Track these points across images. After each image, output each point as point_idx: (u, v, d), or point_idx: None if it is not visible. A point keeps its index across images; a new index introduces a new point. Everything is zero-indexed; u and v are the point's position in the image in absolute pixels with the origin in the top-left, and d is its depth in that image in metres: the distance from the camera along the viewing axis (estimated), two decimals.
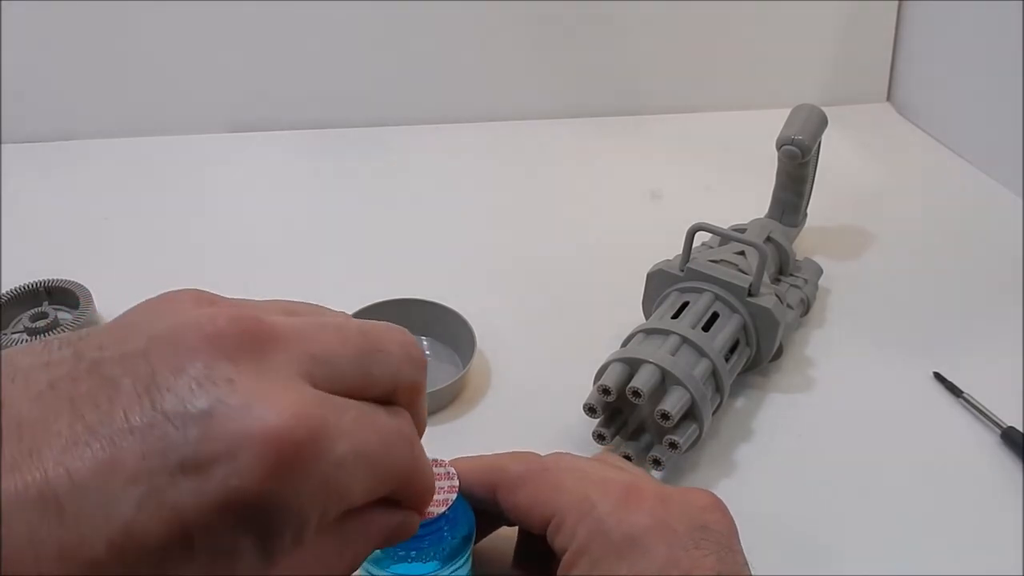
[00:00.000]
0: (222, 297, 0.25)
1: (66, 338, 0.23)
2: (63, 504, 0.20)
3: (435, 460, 0.37)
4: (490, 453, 0.39)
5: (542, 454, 0.39)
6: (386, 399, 0.27)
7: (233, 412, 0.22)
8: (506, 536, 0.40)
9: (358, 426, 0.24)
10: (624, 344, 0.52)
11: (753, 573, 0.35)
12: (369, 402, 0.26)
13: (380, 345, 0.26)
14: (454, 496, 0.36)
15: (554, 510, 0.35)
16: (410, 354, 0.28)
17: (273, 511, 0.22)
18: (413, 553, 0.36)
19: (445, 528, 0.36)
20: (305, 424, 0.22)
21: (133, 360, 0.22)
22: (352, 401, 0.25)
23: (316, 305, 0.28)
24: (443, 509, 0.35)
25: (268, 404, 0.22)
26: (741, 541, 0.36)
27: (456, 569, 0.37)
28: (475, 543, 0.40)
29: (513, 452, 0.39)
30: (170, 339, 0.22)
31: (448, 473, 0.37)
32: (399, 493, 0.28)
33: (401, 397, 0.27)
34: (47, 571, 0.20)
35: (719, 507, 0.37)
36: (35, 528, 0.20)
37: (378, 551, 0.36)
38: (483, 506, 0.38)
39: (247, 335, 0.23)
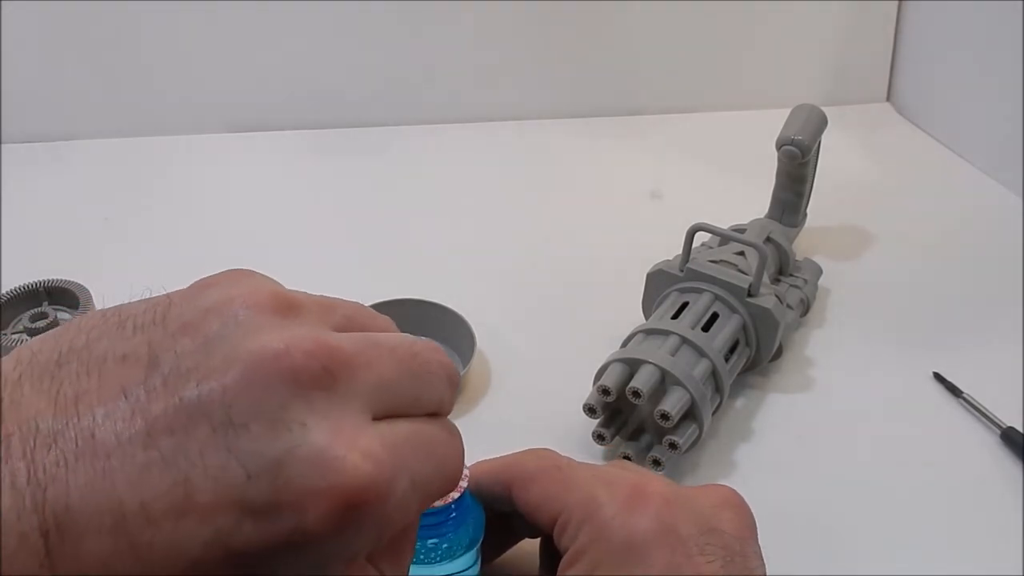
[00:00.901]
0: (294, 297, 0.25)
1: (142, 318, 0.23)
2: (136, 537, 0.20)
3: None
4: (496, 454, 0.39)
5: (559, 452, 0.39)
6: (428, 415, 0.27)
7: (304, 466, 0.22)
8: (530, 549, 0.40)
9: (416, 457, 0.25)
10: (624, 344, 0.52)
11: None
12: (418, 418, 0.26)
13: (429, 367, 0.27)
14: (458, 493, 0.36)
15: (562, 508, 0.35)
16: (450, 376, 0.28)
17: (330, 550, 0.22)
18: (419, 552, 0.36)
19: (452, 527, 0.36)
20: (374, 477, 0.22)
21: (210, 385, 0.22)
22: (407, 427, 0.25)
23: (356, 304, 0.29)
24: (456, 494, 0.35)
25: (338, 456, 0.22)
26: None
27: (465, 569, 0.37)
28: (499, 554, 0.40)
29: (531, 449, 0.39)
30: (249, 370, 0.22)
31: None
32: None
33: (440, 413, 0.28)
34: None
35: (733, 503, 0.36)
36: (108, 556, 0.20)
37: None
38: (502, 506, 0.38)
39: (321, 371, 0.23)
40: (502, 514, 0.38)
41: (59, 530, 0.20)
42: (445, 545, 0.36)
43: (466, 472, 0.37)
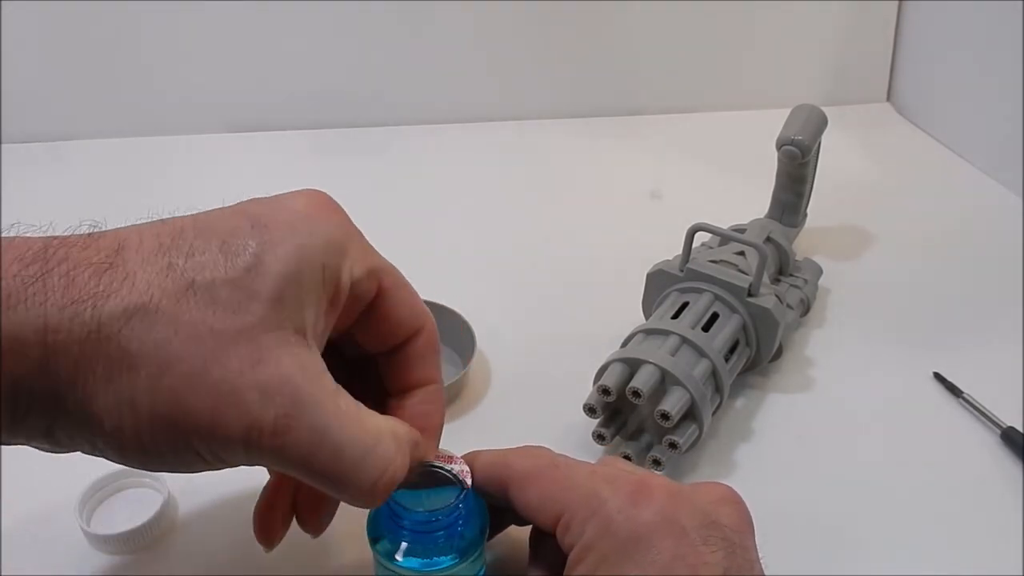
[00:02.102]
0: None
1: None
2: (165, 220, 0.33)
3: (448, 455, 0.37)
4: (501, 445, 0.39)
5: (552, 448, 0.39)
6: None
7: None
8: (520, 535, 0.40)
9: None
10: (624, 344, 0.52)
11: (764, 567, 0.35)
12: None
13: None
14: (469, 481, 0.36)
15: (563, 507, 0.35)
16: None
17: (311, 223, 0.33)
18: (429, 546, 0.36)
19: (459, 523, 0.36)
20: (334, 200, 0.36)
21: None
22: None
23: None
24: (468, 480, 0.36)
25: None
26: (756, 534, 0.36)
27: (471, 563, 0.37)
28: (488, 537, 0.40)
29: (524, 447, 0.39)
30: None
31: (462, 470, 0.37)
32: None
33: None
34: (147, 239, 0.31)
35: (732, 500, 0.37)
36: (140, 229, 0.32)
37: (391, 545, 0.37)
38: (494, 502, 0.38)
39: None
40: (489, 506, 0.39)
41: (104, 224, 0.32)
42: (455, 540, 0.36)
43: (467, 467, 0.37)
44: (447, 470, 0.37)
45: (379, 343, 0.37)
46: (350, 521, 0.40)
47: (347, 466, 0.31)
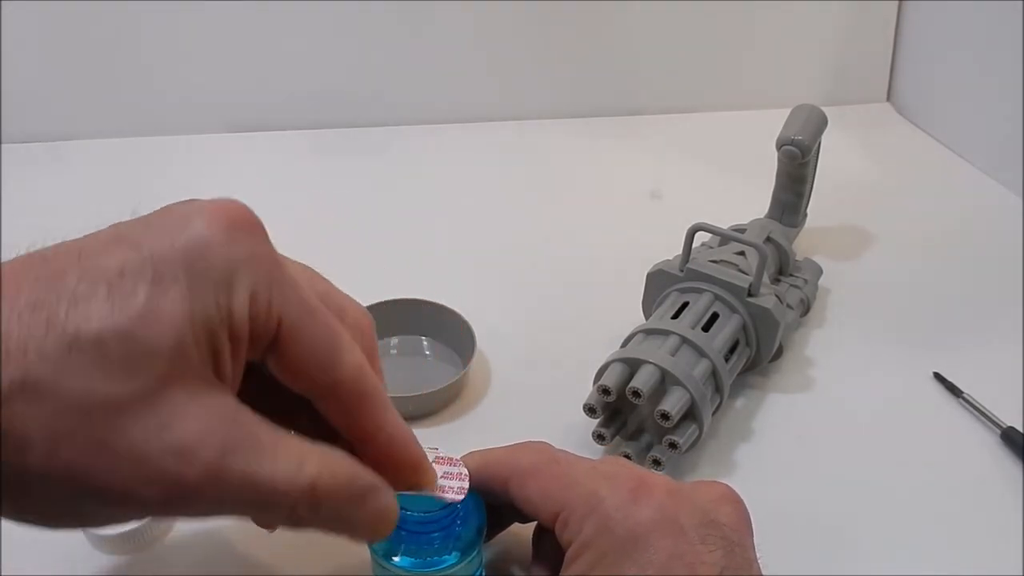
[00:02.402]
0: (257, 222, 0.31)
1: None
2: (46, 254, 0.28)
3: (447, 458, 0.37)
4: (501, 445, 0.39)
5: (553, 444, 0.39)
6: None
7: (188, 203, 0.30)
8: (521, 533, 0.40)
9: (297, 275, 0.31)
10: (624, 344, 0.52)
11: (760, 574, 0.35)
12: None
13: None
14: (466, 486, 0.36)
15: (562, 504, 0.35)
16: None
17: (209, 251, 0.28)
18: (425, 546, 0.36)
19: (457, 522, 0.36)
20: (249, 212, 0.30)
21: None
22: None
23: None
24: (460, 497, 0.35)
25: (221, 201, 0.30)
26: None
27: (468, 562, 0.37)
28: (488, 539, 0.40)
29: (525, 443, 0.39)
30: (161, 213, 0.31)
31: (459, 473, 0.37)
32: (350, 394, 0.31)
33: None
34: (25, 288, 0.26)
35: (731, 499, 0.37)
36: (19, 268, 0.27)
37: (388, 545, 0.36)
38: (496, 499, 0.38)
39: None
40: (491, 504, 0.39)
41: None
42: (452, 540, 0.36)
43: (464, 468, 0.37)
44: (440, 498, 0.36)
45: (295, 384, 0.31)
46: None
47: (277, 499, 0.28)
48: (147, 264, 0.27)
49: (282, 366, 0.30)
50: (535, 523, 0.39)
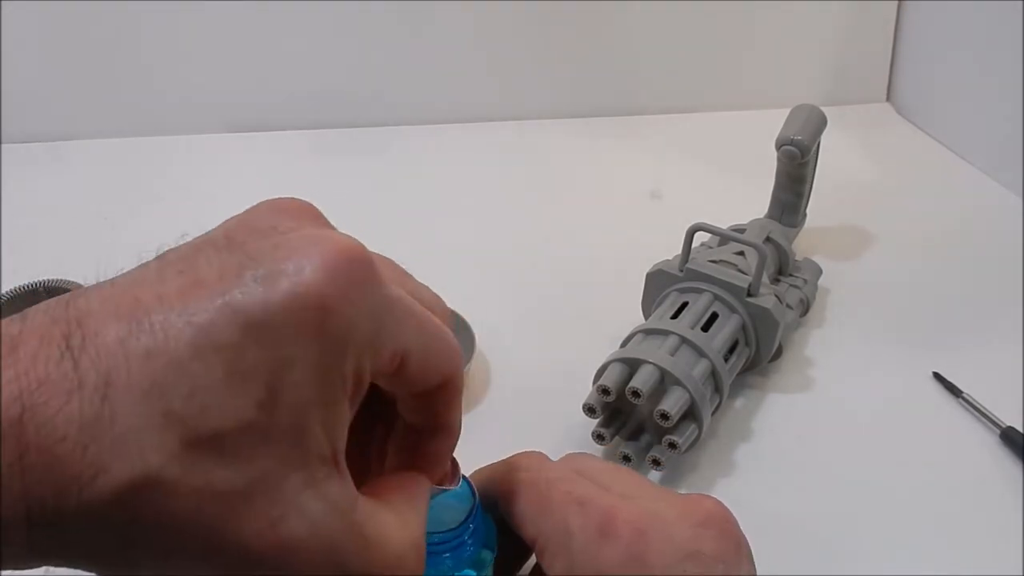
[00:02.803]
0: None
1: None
2: (150, 316, 0.23)
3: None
4: (496, 454, 0.39)
5: (548, 455, 0.39)
6: None
7: (298, 239, 0.25)
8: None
9: (406, 295, 0.29)
10: (623, 344, 0.52)
11: (758, 574, 0.35)
12: None
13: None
14: (471, 506, 0.36)
15: (537, 532, 0.35)
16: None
17: (331, 317, 0.24)
18: (436, 567, 0.36)
19: (468, 541, 0.36)
20: (362, 249, 0.26)
21: (215, 232, 0.27)
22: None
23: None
24: (466, 518, 0.35)
25: (327, 235, 0.26)
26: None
27: None
28: (516, 569, 0.39)
29: (515, 457, 0.39)
30: (245, 215, 0.28)
31: (461, 488, 0.36)
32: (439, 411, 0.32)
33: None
34: (135, 368, 0.23)
35: (716, 522, 0.34)
36: (125, 336, 0.23)
37: None
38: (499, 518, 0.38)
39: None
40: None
41: (79, 324, 0.23)
42: (464, 560, 0.36)
43: (474, 492, 0.37)
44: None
45: (393, 392, 0.31)
46: None
47: None
48: (260, 335, 0.23)
49: (390, 383, 0.29)
50: None
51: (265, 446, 0.23)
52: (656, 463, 0.48)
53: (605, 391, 0.48)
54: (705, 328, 0.51)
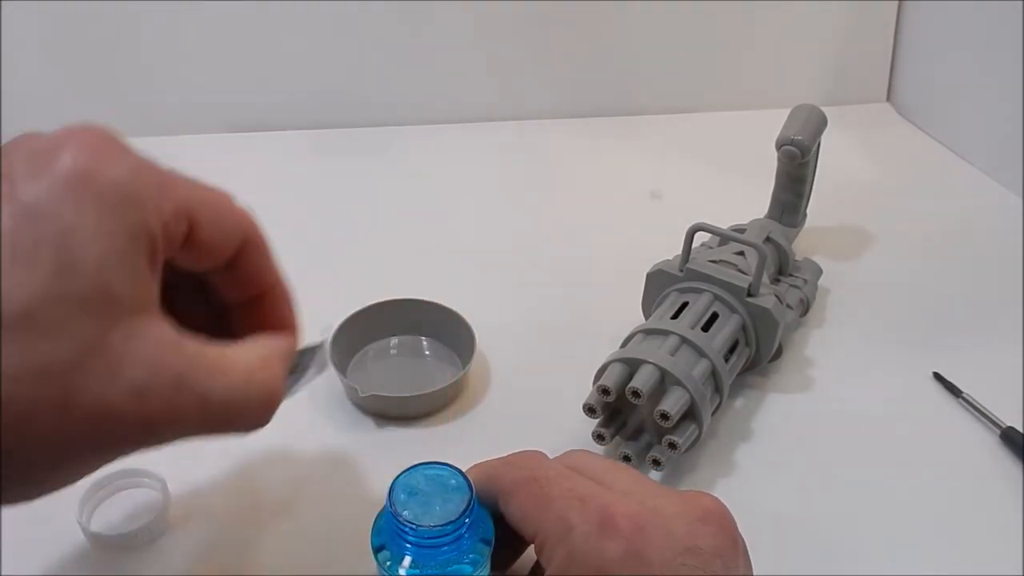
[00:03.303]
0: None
1: None
2: None
3: (447, 465, 0.37)
4: (496, 454, 0.39)
5: (547, 453, 0.39)
6: None
7: (49, 136, 0.29)
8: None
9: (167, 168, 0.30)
10: (623, 344, 0.52)
11: (755, 573, 0.35)
12: None
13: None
14: (468, 500, 0.36)
15: (537, 527, 0.35)
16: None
17: (94, 181, 0.27)
18: (433, 560, 0.36)
19: (465, 535, 0.36)
20: (106, 128, 0.29)
21: None
22: None
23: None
24: (463, 512, 0.35)
25: (75, 126, 0.29)
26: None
27: (475, 574, 0.37)
28: (509, 564, 0.39)
29: (515, 455, 0.39)
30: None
31: (458, 482, 0.37)
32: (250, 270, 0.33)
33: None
34: None
35: (714, 517, 0.34)
36: None
37: (396, 557, 0.36)
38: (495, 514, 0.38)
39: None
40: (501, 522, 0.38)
41: None
42: (460, 552, 0.36)
43: (465, 479, 0.37)
44: (447, 465, 0.37)
45: (202, 265, 0.33)
46: (352, 528, 0.40)
47: (237, 413, 0.30)
48: (35, 214, 0.26)
49: (195, 250, 0.31)
50: None
51: (77, 311, 0.25)
52: (656, 463, 0.48)
53: (605, 391, 0.48)
54: (705, 328, 0.51)
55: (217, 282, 0.35)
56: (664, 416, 0.47)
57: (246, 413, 0.31)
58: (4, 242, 0.25)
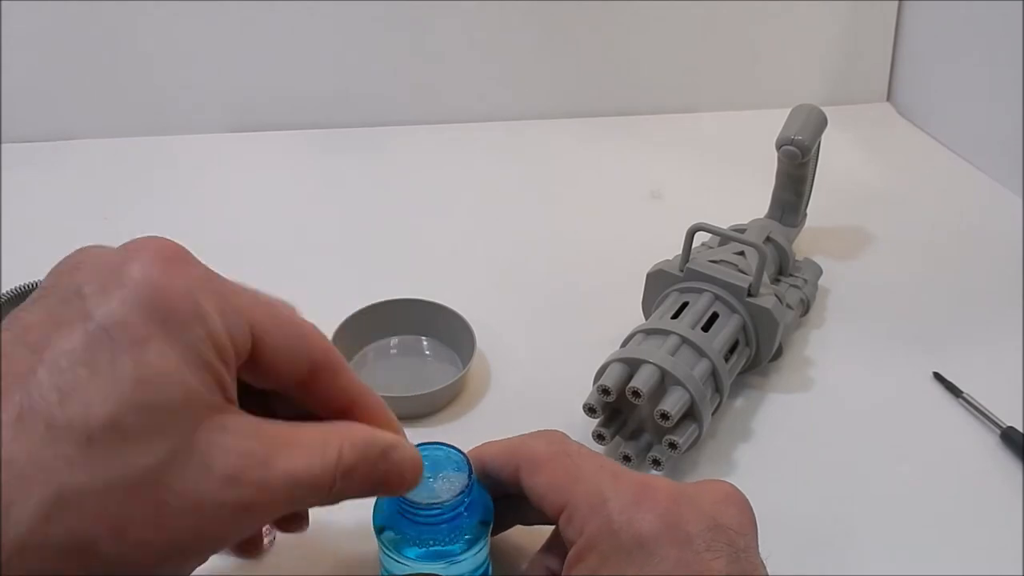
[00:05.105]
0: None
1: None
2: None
3: (447, 446, 0.38)
4: (517, 435, 0.40)
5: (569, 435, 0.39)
6: None
7: (115, 252, 0.29)
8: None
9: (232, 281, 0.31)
10: (624, 344, 0.52)
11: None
12: None
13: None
14: (467, 479, 0.36)
15: (567, 498, 0.36)
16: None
17: (159, 295, 0.27)
18: (432, 539, 0.36)
19: (464, 513, 0.37)
20: (171, 241, 0.30)
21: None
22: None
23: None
24: (463, 490, 0.36)
25: (138, 241, 0.29)
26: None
27: (475, 553, 0.37)
28: (493, 534, 0.40)
29: (541, 431, 0.40)
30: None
31: (458, 462, 0.37)
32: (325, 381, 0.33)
33: None
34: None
35: (734, 500, 0.36)
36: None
37: (396, 536, 0.37)
38: (506, 488, 0.38)
39: None
40: (504, 495, 0.39)
41: None
42: (459, 531, 0.37)
43: (465, 458, 0.37)
44: (447, 445, 0.38)
45: (269, 385, 0.33)
46: (356, 512, 0.39)
47: (317, 479, 0.30)
48: (110, 329, 0.26)
49: (262, 369, 0.31)
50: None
51: (163, 415, 0.26)
52: (656, 463, 0.48)
53: (605, 391, 0.48)
54: (705, 328, 0.52)
55: (294, 398, 0.34)
56: (664, 416, 0.47)
57: (325, 482, 0.30)
58: (83, 359, 0.26)
